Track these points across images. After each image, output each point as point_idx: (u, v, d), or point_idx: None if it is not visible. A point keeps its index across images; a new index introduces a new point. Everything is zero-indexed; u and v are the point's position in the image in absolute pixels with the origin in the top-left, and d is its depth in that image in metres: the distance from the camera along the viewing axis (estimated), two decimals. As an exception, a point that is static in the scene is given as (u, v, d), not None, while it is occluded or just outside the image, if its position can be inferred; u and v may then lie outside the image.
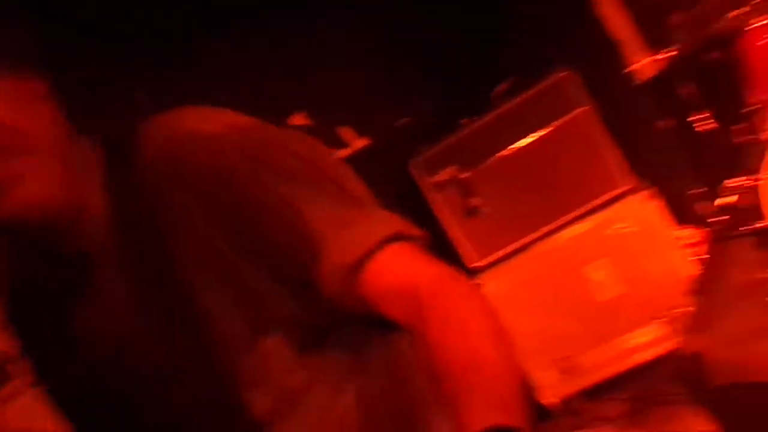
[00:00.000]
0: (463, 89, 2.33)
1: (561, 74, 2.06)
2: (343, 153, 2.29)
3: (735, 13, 1.85)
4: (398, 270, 0.68)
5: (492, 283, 2.18)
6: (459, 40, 2.31)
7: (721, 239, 2.06)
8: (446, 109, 2.34)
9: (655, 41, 2.21)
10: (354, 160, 2.21)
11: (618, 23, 2.27)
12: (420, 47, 2.34)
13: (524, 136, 2.15)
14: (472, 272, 2.22)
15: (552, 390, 2.17)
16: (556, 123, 2.10)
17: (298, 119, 2.30)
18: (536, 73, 2.12)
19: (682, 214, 2.15)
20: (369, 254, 0.67)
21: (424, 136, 2.27)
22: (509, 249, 2.21)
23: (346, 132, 2.35)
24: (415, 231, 0.71)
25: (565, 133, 2.10)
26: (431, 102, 2.40)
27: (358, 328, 0.76)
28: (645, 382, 2.09)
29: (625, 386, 2.15)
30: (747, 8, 1.82)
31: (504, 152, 2.18)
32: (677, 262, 2.04)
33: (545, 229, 2.17)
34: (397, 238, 0.69)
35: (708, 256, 2.00)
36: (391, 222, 0.70)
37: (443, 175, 2.21)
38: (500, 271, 2.20)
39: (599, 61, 2.25)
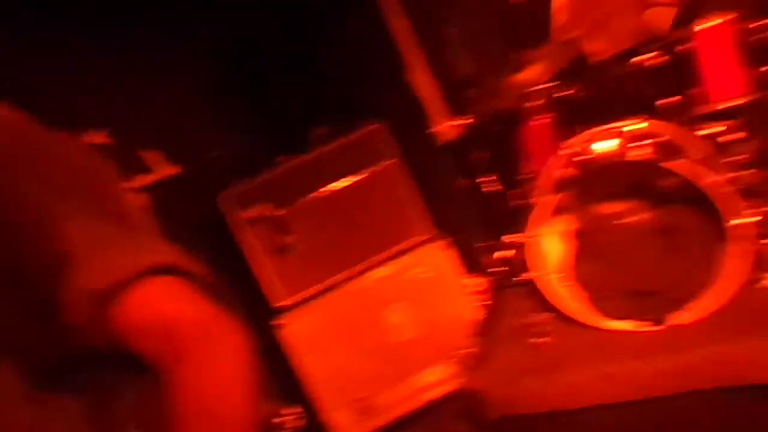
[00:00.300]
0: (281, 128, 2.35)
1: (374, 127, 2.21)
2: (147, 179, 2.13)
3: (518, 95, 2.19)
4: (157, 305, 0.64)
5: (296, 323, 2.17)
6: (284, 79, 2.35)
7: (499, 288, 2.36)
8: (263, 145, 2.34)
9: (456, 109, 2.50)
10: (160, 188, 2.06)
11: (426, 88, 2.51)
12: (244, 82, 2.32)
13: (336, 180, 2.23)
14: (278, 311, 2.19)
15: (348, 430, 2.21)
16: (366, 171, 2.23)
17: (97, 137, 2.08)
18: (353, 122, 2.24)
19: (471, 264, 2.40)
20: (125, 283, 0.62)
21: (238, 170, 2.23)
22: (315, 289, 2.24)
23: (153, 157, 2.19)
24: (191, 266, 0.67)
25: (374, 182, 2.24)
26: (248, 137, 2.37)
27: (111, 367, 0.69)
28: (434, 419, 2.24)
29: (416, 424, 2.28)
30: (527, 92, 2.17)
31: (316, 194, 2.23)
32: (465, 307, 2.27)
33: (350, 272, 2.25)
34: (165, 270, 0.64)
35: (489, 302, 2.27)
36: (160, 253, 0.66)
37: (254, 211, 2.18)
38: (305, 311, 2.21)
39: (410, 120, 2.46)
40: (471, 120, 2.40)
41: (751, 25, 1.86)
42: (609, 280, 1.74)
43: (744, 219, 1.53)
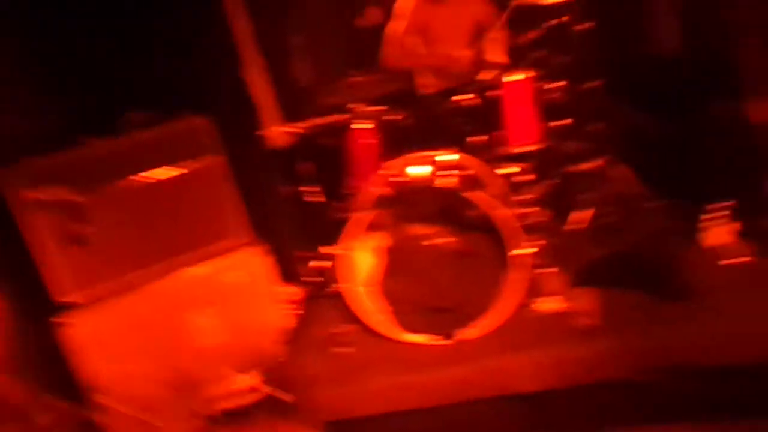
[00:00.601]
0: (89, 106, 2.12)
1: (198, 120, 2.11)
2: None
3: (350, 113, 2.29)
4: None
5: (84, 322, 1.97)
6: (99, 54, 2.13)
7: (312, 298, 2.41)
8: (66, 121, 2.08)
9: (290, 116, 2.51)
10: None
11: (261, 91, 2.49)
12: (51, 50, 2.05)
13: (148, 170, 2.08)
14: (62, 307, 1.96)
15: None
16: (184, 166, 2.12)
17: None
18: (176, 112, 2.12)
19: (287, 272, 2.41)
20: None
21: (30, 145, 1.96)
22: (111, 286, 2.05)
23: None
24: None
25: (192, 178, 2.13)
26: (48, 110, 2.10)
27: None
28: (237, 427, 2.17)
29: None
30: (358, 112, 2.28)
31: (123, 183, 2.07)
32: (275, 316, 2.26)
33: (155, 270, 2.11)
34: None
35: (300, 312, 2.30)
36: None
37: (45, 193, 1.94)
38: (96, 309, 2.01)
39: (240, 120, 2.40)
40: (303, 129, 2.44)
41: (546, 86, 2.21)
42: (411, 296, 1.89)
43: (524, 250, 1.79)
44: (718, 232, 1.93)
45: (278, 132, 2.48)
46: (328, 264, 2.21)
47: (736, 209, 1.93)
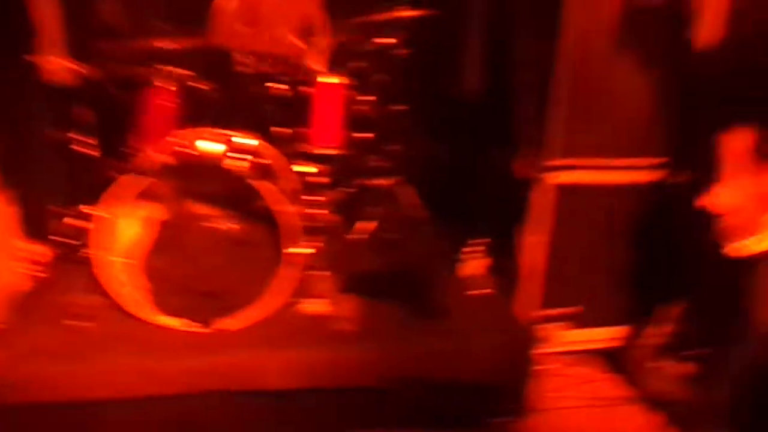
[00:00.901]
0: None
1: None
2: None
3: (152, 68, 2.09)
4: None
5: None
6: None
7: (60, 260, 2.14)
8: None
9: (77, 53, 2.20)
10: None
11: (45, 11, 2.15)
12: None
13: None
14: None
15: None
16: None
17: None
18: None
19: (35, 228, 2.10)
20: None
21: None
22: None
23: None
24: None
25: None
26: None
27: None
28: None
29: None
30: (161, 69, 2.09)
31: None
32: (9, 275, 1.96)
33: None
34: None
35: (42, 274, 2.01)
36: None
37: None
38: None
39: (8, 38, 2.04)
40: (88, 71, 2.15)
41: (358, 97, 2.27)
42: (174, 277, 1.77)
43: (300, 250, 1.80)
44: (473, 264, 2.19)
45: (59, 65, 2.15)
46: (85, 225, 1.97)
47: (490, 248, 2.20)
